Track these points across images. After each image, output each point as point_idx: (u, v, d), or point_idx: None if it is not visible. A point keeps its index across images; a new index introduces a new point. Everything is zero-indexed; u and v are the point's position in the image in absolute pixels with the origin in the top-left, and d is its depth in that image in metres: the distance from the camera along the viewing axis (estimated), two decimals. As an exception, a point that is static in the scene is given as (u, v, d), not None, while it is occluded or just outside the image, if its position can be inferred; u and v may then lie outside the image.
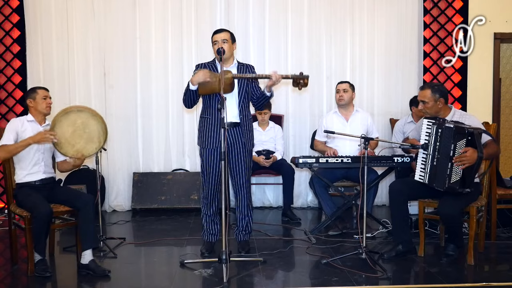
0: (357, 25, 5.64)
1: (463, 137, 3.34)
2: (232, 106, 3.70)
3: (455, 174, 3.37)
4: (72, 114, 3.47)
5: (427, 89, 3.62)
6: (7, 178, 3.61)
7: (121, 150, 5.54)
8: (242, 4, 5.57)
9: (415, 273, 3.50)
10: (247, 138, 3.79)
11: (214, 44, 3.73)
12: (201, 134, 3.79)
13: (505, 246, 4.05)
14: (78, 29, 5.45)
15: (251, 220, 3.92)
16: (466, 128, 3.34)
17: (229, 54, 3.72)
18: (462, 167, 3.33)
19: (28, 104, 3.59)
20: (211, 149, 3.72)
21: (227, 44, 3.69)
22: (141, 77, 5.55)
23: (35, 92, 3.59)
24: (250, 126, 3.84)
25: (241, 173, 3.80)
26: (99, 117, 3.57)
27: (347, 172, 4.55)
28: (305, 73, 3.60)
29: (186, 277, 3.42)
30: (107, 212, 5.47)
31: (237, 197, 3.87)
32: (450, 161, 3.36)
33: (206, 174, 3.79)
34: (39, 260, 3.36)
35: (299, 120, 5.68)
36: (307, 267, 3.62)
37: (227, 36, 3.72)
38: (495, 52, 5.70)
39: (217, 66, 3.72)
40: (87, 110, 3.55)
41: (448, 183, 3.37)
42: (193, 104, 3.76)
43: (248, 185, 3.87)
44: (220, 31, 3.78)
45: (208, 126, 3.74)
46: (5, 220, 4.62)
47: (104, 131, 3.59)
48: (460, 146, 3.35)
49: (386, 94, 5.69)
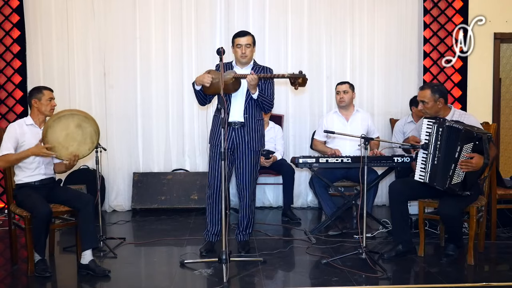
0: (357, 25, 5.64)
1: (471, 141, 3.33)
2: (238, 105, 3.73)
3: (457, 176, 3.36)
4: (64, 119, 3.46)
5: (426, 89, 3.62)
6: (7, 178, 3.61)
7: (121, 150, 5.54)
8: (242, 5, 5.57)
9: (415, 273, 3.50)
10: (253, 138, 3.77)
11: (237, 47, 3.78)
12: (212, 131, 3.86)
13: (505, 246, 4.05)
14: (78, 29, 5.45)
15: (252, 221, 3.93)
16: (474, 132, 3.32)
17: (250, 58, 3.81)
18: (465, 169, 3.33)
19: (32, 103, 3.55)
20: (216, 146, 3.76)
21: (250, 49, 3.79)
22: (141, 77, 5.54)
23: (41, 93, 3.55)
24: (258, 126, 3.81)
25: (245, 173, 3.80)
26: (91, 119, 3.57)
27: (347, 172, 4.55)
28: (304, 73, 3.59)
29: (186, 277, 3.43)
30: (107, 212, 5.47)
31: (241, 197, 3.87)
32: (454, 162, 3.34)
33: (212, 173, 3.79)
34: (39, 260, 3.36)
35: (299, 120, 5.68)
36: (307, 267, 3.62)
37: (250, 41, 3.81)
38: (495, 52, 5.69)
39: (233, 67, 3.82)
40: (79, 113, 3.55)
41: (449, 183, 3.37)
42: (205, 102, 3.85)
43: (253, 186, 3.87)
44: (244, 34, 3.82)
45: (216, 123, 3.81)
46: (5, 220, 4.61)
47: (97, 132, 3.59)
48: (466, 150, 3.33)
49: (386, 94, 5.69)
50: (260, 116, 3.84)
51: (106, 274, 3.33)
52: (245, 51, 3.75)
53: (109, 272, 3.34)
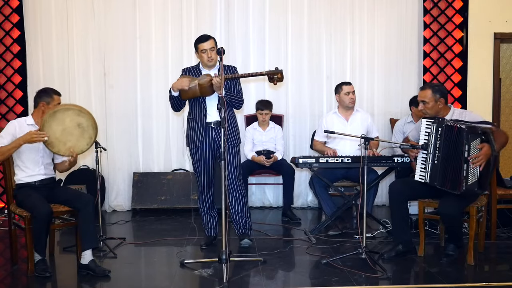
0: (357, 25, 5.64)
1: (477, 136, 3.32)
2: (213, 106, 3.77)
3: (472, 176, 3.32)
4: (59, 113, 3.45)
5: (427, 89, 3.62)
6: (7, 178, 3.61)
7: (121, 150, 5.54)
8: (242, 5, 5.57)
9: (415, 273, 3.50)
10: (230, 133, 3.92)
11: (202, 52, 3.83)
12: (188, 134, 3.97)
13: (505, 246, 4.05)
14: (78, 29, 5.45)
15: (248, 215, 4.01)
16: (478, 127, 3.32)
17: (216, 61, 3.86)
18: (480, 167, 3.30)
19: (40, 105, 3.53)
20: (197, 148, 3.89)
21: (214, 52, 3.84)
22: (141, 77, 5.55)
23: (51, 97, 3.54)
24: (232, 122, 3.96)
25: (231, 167, 3.89)
26: (87, 113, 3.54)
27: (347, 172, 4.54)
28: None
29: (186, 277, 3.43)
30: (107, 212, 5.47)
31: (231, 193, 3.93)
32: (465, 162, 3.29)
33: (198, 172, 3.98)
34: (39, 260, 3.37)
35: (299, 120, 5.68)
36: (307, 267, 3.62)
37: (213, 44, 3.87)
38: (495, 52, 5.70)
39: (201, 70, 3.90)
40: (74, 107, 3.53)
41: (466, 185, 3.31)
42: (180, 108, 3.97)
43: (240, 178, 3.97)
44: (207, 38, 3.85)
45: (193, 126, 3.91)
46: (5, 220, 4.61)
47: (94, 126, 3.56)
48: (474, 146, 3.32)
49: (386, 94, 5.69)
50: (232, 113, 3.98)
51: (106, 274, 3.33)
52: (211, 55, 3.84)
53: (109, 272, 3.35)
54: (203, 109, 3.86)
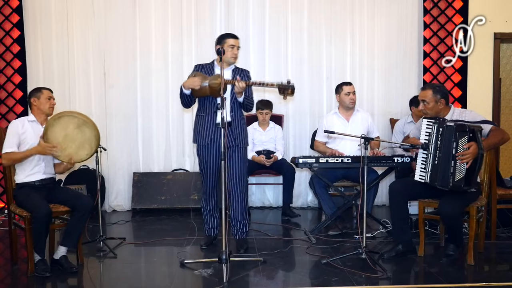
0: (357, 25, 5.64)
1: (465, 134, 3.35)
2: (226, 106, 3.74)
3: (459, 172, 3.37)
4: (64, 119, 3.50)
5: (428, 89, 3.62)
6: (7, 178, 3.61)
7: (121, 150, 5.54)
8: (242, 5, 5.57)
9: (415, 273, 3.50)
10: (239, 135, 3.89)
11: (231, 47, 3.82)
12: (196, 131, 3.94)
13: (505, 246, 4.05)
14: (78, 29, 5.45)
15: (246, 218, 3.97)
16: (466, 125, 3.37)
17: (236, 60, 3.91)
18: (467, 165, 3.34)
19: (32, 102, 3.59)
20: (205, 146, 3.87)
21: (238, 51, 3.90)
22: (141, 77, 5.55)
23: (40, 92, 3.61)
24: (242, 124, 3.95)
25: (234, 169, 3.86)
26: (91, 124, 3.59)
27: (347, 172, 4.54)
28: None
29: (186, 277, 3.43)
30: (107, 212, 5.47)
31: (232, 194, 3.91)
32: (453, 159, 3.36)
33: (203, 171, 3.96)
34: (39, 260, 3.37)
35: (299, 120, 5.68)
36: (307, 267, 3.62)
37: (239, 44, 3.91)
38: (495, 52, 5.70)
39: (214, 69, 3.90)
40: (80, 116, 3.57)
41: (453, 181, 3.37)
42: (190, 104, 3.93)
43: (243, 181, 3.94)
44: (237, 37, 3.91)
45: (202, 123, 3.88)
46: (5, 220, 4.62)
47: (97, 138, 3.61)
48: (462, 144, 3.36)
49: (386, 94, 5.69)
50: (243, 115, 3.99)
51: (74, 271, 3.39)
52: (237, 53, 3.88)
53: (76, 269, 3.40)
54: (214, 107, 3.82)
